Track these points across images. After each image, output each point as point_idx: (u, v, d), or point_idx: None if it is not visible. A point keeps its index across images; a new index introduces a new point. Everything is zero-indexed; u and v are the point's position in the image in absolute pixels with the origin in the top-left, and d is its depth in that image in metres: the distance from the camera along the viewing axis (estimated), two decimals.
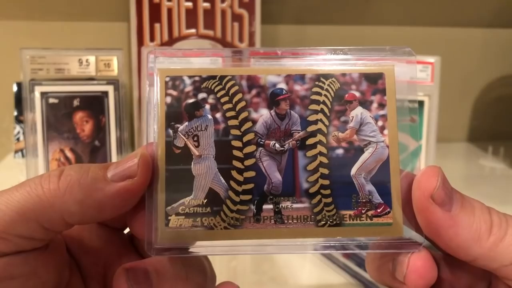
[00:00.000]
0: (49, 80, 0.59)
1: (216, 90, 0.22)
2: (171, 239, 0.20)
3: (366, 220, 0.21)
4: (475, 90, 0.91)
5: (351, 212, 0.21)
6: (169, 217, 0.21)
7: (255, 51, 0.66)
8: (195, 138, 0.21)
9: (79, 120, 0.59)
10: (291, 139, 0.22)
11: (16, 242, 0.20)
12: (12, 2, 0.75)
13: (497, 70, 0.91)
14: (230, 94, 0.22)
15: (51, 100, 0.58)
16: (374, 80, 0.22)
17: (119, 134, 0.60)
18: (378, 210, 0.21)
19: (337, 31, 0.83)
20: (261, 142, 0.21)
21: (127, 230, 0.26)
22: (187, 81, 0.22)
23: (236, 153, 0.21)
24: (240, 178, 0.21)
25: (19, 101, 0.72)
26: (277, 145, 0.21)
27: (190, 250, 0.21)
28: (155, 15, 0.73)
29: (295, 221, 0.21)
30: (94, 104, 0.59)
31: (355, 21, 0.83)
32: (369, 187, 0.21)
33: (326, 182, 0.21)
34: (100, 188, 0.20)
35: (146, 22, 0.73)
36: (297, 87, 0.22)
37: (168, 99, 0.21)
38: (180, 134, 0.21)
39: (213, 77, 0.22)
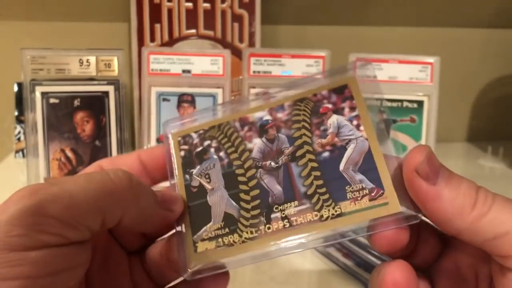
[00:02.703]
0: (49, 80, 0.59)
1: (217, 135, 0.27)
2: (201, 261, 0.24)
3: (364, 205, 0.23)
4: (474, 90, 0.92)
5: (348, 202, 0.23)
6: (196, 244, 0.24)
7: (255, 53, 0.65)
8: (207, 176, 0.26)
9: (79, 120, 0.59)
10: (283, 156, 0.25)
11: (82, 231, 0.20)
12: (13, 2, 0.75)
13: (497, 70, 0.91)
14: (228, 135, 0.27)
15: (52, 100, 0.59)
16: (341, 91, 0.26)
17: (120, 134, 0.60)
18: (372, 194, 0.23)
19: (337, 32, 0.83)
20: (259, 165, 0.25)
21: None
22: (194, 135, 0.27)
23: (240, 178, 0.25)
24: (247, 197, 0.25)
25: (19, 101, 0.73)
26: (272, 163, 0.25)
27: (219, 267, 0.24)
28: (155, 16, 0.73)
29: (302, 222, 0.23)
30: (95, 104, 0.60)
31: (355, 21, 0.84)
32: (359, 176, 0.23)
33: (320, 182, 0.24)
34: (154, 207, 0.23)
35: (146, 23, 0.73)
36: (280, 115, 0.26)
37: (182, 153, 0.27)
38: (195, 176, 0.26)
39: (213, 127, 0.27)
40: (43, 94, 0.58)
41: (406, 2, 0.82)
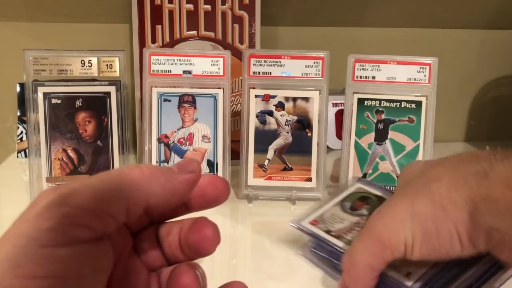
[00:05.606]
0: (51, 81, 0.59)
1: None
2: None
3: None
4: (472, 91, 0.92)
5: None
6: None
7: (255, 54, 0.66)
8: None
9: (81, 121, 0.60)
10: None
11: (107, 221, 0.21)
12: (15, 4, 0.75)
13: (494, 71, 0.91)
14: None
15: (54, 101, 0.59)
16: None
17: (121, 134, 0.61)
18: None
19: (336, 33, 0.84)
20: None
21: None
22: None
23: None
24: None
25: (22, 101, 0.73)
26: None
27: None
28: (156, 17, 0.74)
29: None
30: (97, 105, 0.60)
31: (353, 23, 0.84)
32: None
33: None
34: (174, 176, 0.24)
35: (147, 24, 0.74)
36: None
37: None
38: None
39: None
40: (45, 94, 0.59)
41: (404, 4, 0.83)
